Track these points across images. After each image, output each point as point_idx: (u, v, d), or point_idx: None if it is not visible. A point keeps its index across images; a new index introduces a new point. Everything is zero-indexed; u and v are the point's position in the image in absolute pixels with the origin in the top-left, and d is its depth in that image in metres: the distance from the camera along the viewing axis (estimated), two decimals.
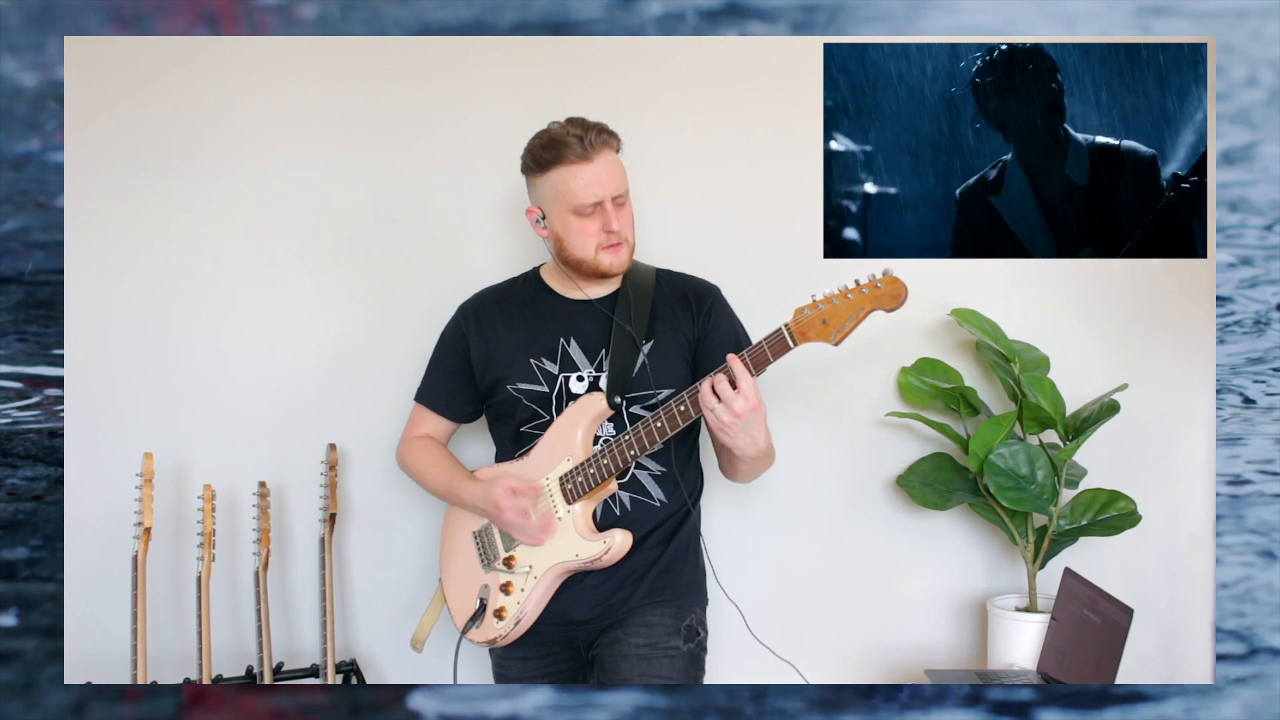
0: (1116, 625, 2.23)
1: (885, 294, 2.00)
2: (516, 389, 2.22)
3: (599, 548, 2.13)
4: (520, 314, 2.27)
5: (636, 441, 2.10)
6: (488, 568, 2.24)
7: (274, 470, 2.59)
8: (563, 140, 2.12)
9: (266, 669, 2.44)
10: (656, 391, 2.19)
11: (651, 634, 2.18)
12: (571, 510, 2.16)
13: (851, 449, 2.65)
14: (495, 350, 2.25)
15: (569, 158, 2.12)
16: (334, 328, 2.64)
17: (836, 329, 2.01)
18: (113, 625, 2.47)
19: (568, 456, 2.17)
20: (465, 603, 2.26)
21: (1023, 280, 2.64)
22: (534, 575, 2.17)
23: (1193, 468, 2.64)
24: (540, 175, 2.17)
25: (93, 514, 2.56)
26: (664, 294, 2.26)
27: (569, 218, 2.15)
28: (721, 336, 2.24)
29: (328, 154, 2.63)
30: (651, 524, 2.20)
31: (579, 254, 2.17)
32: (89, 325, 2.59)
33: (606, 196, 2.14)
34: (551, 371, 2.21)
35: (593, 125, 2.14)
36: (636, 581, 2.19)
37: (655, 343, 2.21)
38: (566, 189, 2.13)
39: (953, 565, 2.66)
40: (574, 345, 2.22)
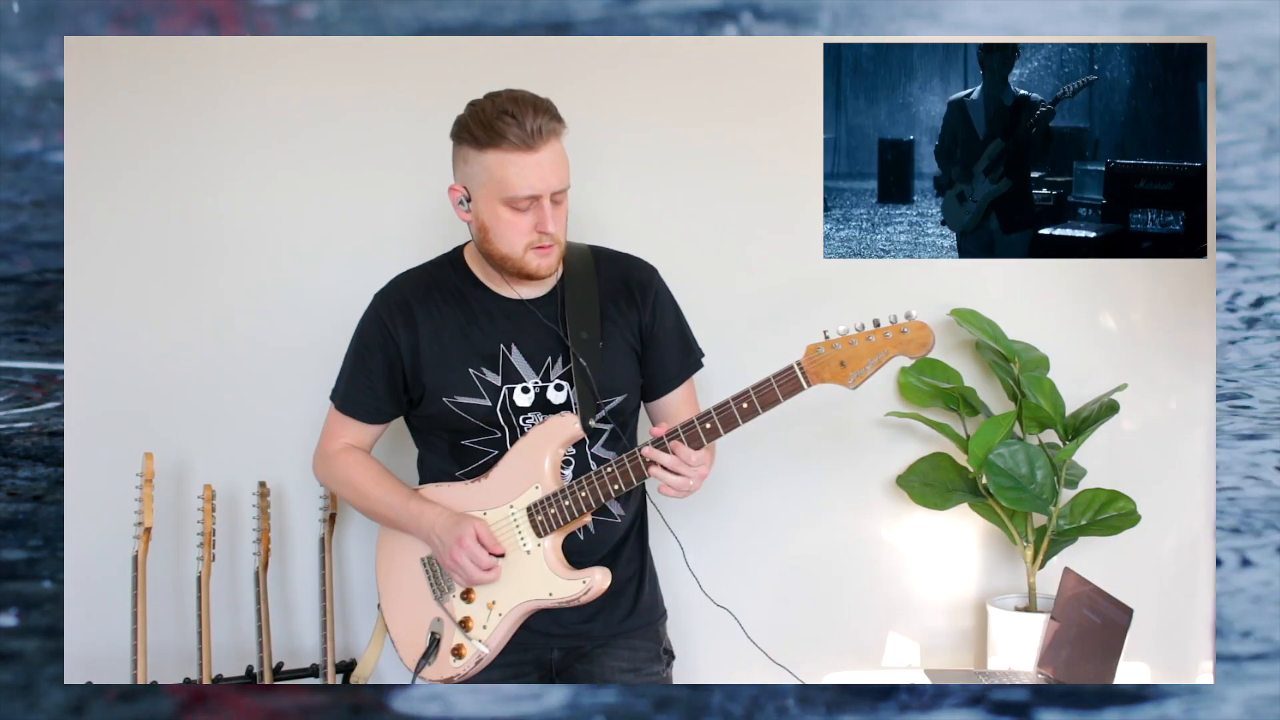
0: (1116, 625, 2.23)
1: (912, 340, 1.85)
2: (455, 403, 2.02)
3: (577, 588, 1.97)
4: (451, 312, 2.04)
5: (622, 475, 1.95)
6: (440, 599, 2.05)
7: (274, 470, 2.59)
8: (505, 122, 1.88)
9: (266, 669, 2.44)
10: (609, 400, 2.06)
11: (635, 659, 2.10)
12: (542, 544, 1.99)
13: (851, 449, 2.65)
14: (427, 355, 2.03)
15: (508, 143, 1.88)
16: (334, 326, 2.63)
17: (855, 373, 1.87)
18: (113, 625, 2.47)
19: (535, 484, 1.99)
20: (413, 636, 2.06)
21: (1023, 280, 2.64)
22: (498, 612, 2.00)
23: (1193, 468, 2.64)
24: (472, 150, 1.92)
25: (93, 514, 2.56)
26: (605, 286, 2.06)
27: (499, 208, 1.92)
28: (667, 335, 2.10)
29: (328, 154, 2.62)
30: (615, 541, 2.09)
31: (504, 249, 1.95)
32: (89, 325, 2.59)
33: (546, 192, 1.91)
34: (494, 383, 2.02)
35: (542, 109, 1.90)
36: (614, 606, 2.08)
37: (605, 345, 2.04)
38: (503, 177, 1.89)
39: (953, 565, 2.66)
40: (515, 353, 2.03)
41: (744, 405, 1.92)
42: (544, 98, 1.96)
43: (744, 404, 1.92)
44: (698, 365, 2.20)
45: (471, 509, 2.05)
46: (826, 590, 2.66)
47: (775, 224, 2.64)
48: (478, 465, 2.07)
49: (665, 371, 2.15)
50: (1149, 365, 2.63)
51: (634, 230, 2.60)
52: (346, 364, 2.13)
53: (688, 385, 2.19)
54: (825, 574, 2.66)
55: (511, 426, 2.05)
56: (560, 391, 2.04)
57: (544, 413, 2.04)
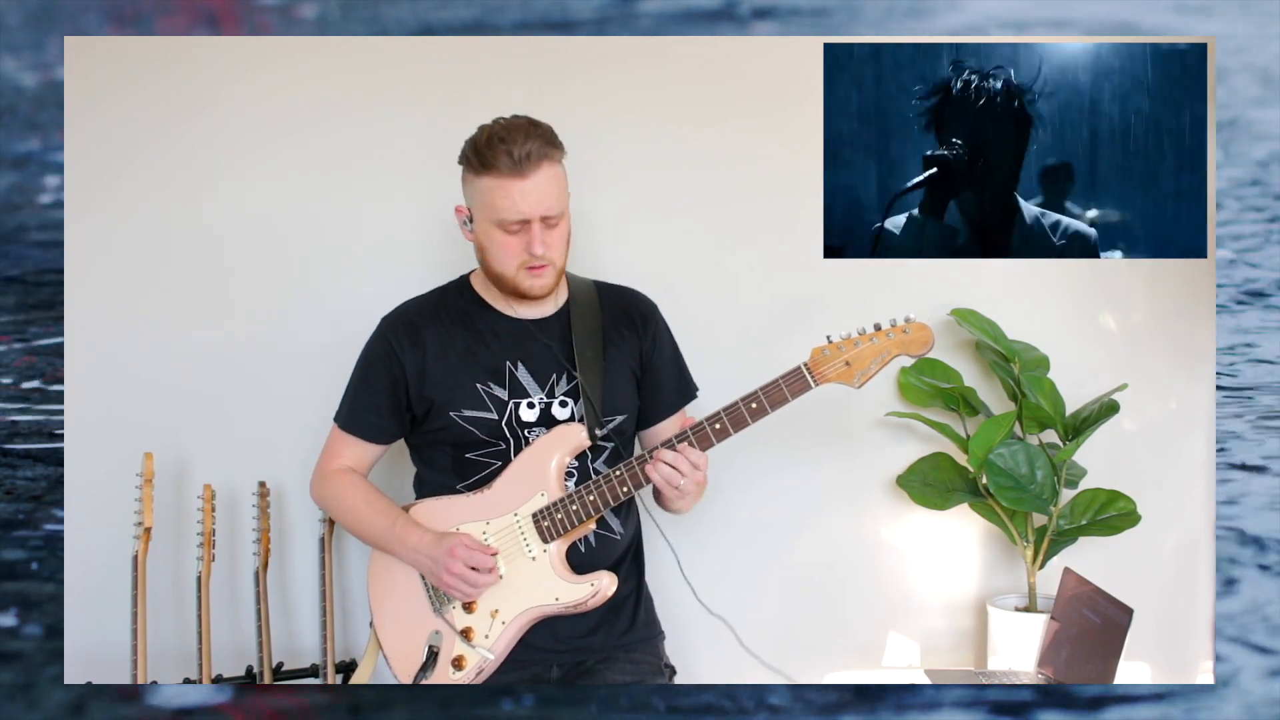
0: (1116, 625, 2.23)
1: (914, 340, 1.98)
2: (462, 416, 2.07)
3: (584, 591, 2.00)
4: (458, 332, 2.11)
5: (631, 478, 2.00)
6: (439, 611, 2.06)
7: (274, 470, 2.59)
8: (495, 149, 1.96)
9: (266, 669, 2.44)
10: (611, 419, 2.11)
11: (638, 671, 2.12)
12: (547, 550, 2.02)
13: (851, 449, 2.65)
14: (434, 373, 2.08)
15: (499, 170, 1.97)
16: (334, 326, 2.63)
17: (860, 372, 1.98)
18: (113, 625, 2.47)
19: (541, 491, 2.03)
20: (408, 650, 2.07)
21: (1023, 280, 2.64)
22: (501, 620, 2.02)
23: (1193, 468, 2.64)
24: (471, 175, 2.02)
25: (93, 514, 2.55)
26: (609, 313, 2.15)
27: (492, 230, 2.01)
28: (665, 365, 2.19)
29: (327, 154, 2.62)
30: (615, 557, 2.12)
31: (499, 269, 2.04)
32: (89, 325, 2.59)
33: (534, 216, 1.98)
34: (500, 397, 2.07)
35: (533, 134, 1.97)
36: (614, 620, 2.11)
37: (606, 365, 2.11)
38: (494, 201, 1.98)
39: (953, 565, 2.66)
40: (522, 369, 2.09)
41: (753, 405, 2.00)
42: (542, 124, 2.02)
43: (753, 404, 2.00)
44: (692, 397, 2.27)
45: (473, 519, 2.08)
46: (826, 590, 2.66)
47: (775, 224, 2.64)
48: (480, 477, 2.10)
49: (662, 400, 2.22)
50: (1149, 365, 2.63)
51: (632, 230, 2.61)
52: (350, 385, 2.17)
53: (679, 415, 2.24)
54: (825, 574, 2.66)
55: (517, 439, 2.09)
56: (565, 408, 2.09)
57: (548, 428, 2.09)
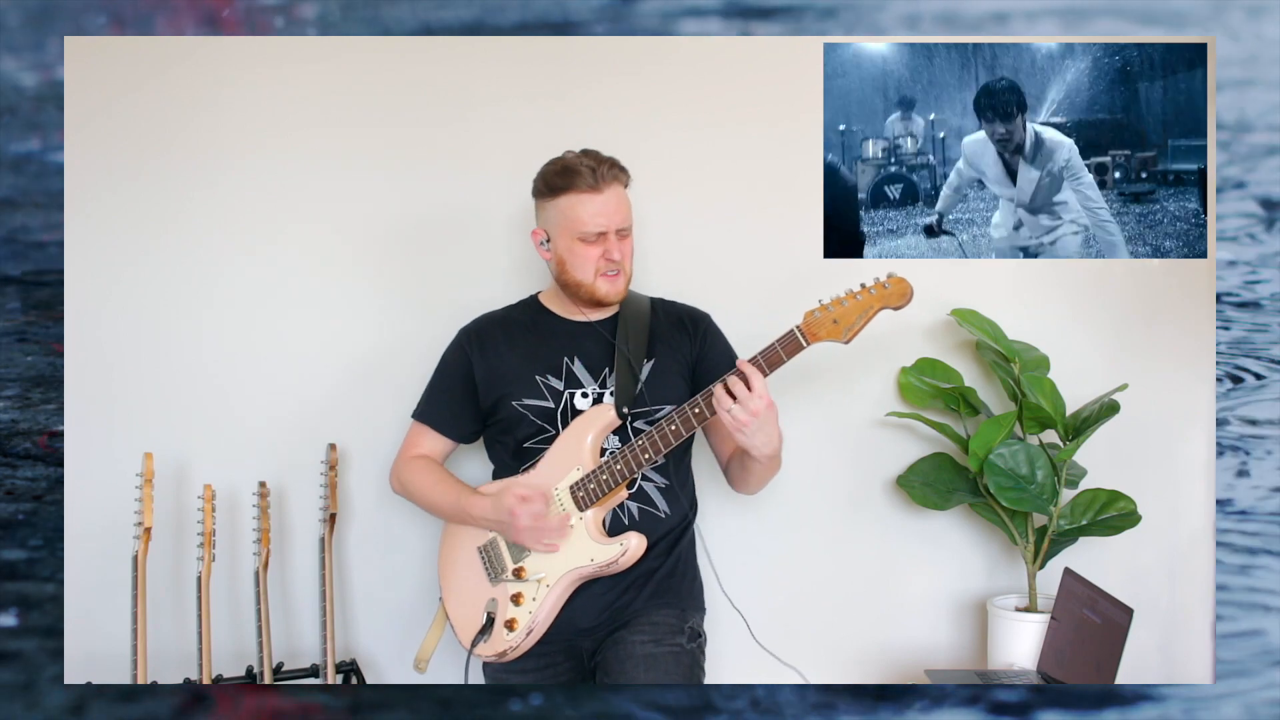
0: (1116, 625, 2.23)
1: (893, 293, 2.12)
2: (522, 405, 2.26)
3: (615, 550, 2.17)
4: (522, 335, 2.32)
5: (650, 445, 2.15)
6: (495, 581, 2.24)
7: (274, 470, 2.59)
8: (576, 169, 2.19)
9: (266, 669, 2.44)
10: (659, 408, 2.24)
11: (656, 631, 2.21)
12: (584, 517, 2.19)
13: (851, 449, 2.65)
14: (499, 369, 2.29)
15: (580, 186, 2.19)
16: (333, 327, 2.64)
17: (847, 328, 2.12)
18: (113, 625, 2.47)
19: (577, 466, 2.20)
20: (471, 618, 2.26)
21: (1023, 280, 2.64)
22: (546, 584, 2.20)
23: (1193, 468, 2.64)
24: (550, 200, 2.23)
25: (93, 514, 2.56)
26: (660, 319, 2.33)
27: (573, 243, 2.21)
28: (718, 357, 2.32)
29: (327, 154, 2.62)
30: (657, 534, 2.24)
31: (579, 276, 2.23)
32: (89, 325, 2.59)
33: (611, 228, 2.20)
34: (557, 388, 2.26)
35: (606, 159, 2.21)
36: (641, 587, 2.23)
37: (655, 362, 2.28)
38: (575, 215, 2.20)
39: (953, 565, 2.66)
40: (578, 364, 2.27)
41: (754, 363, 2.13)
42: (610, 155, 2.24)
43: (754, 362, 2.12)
44: None
45: None
46: (827, 590, 2.66)
47: (775, 223, 2.64)
48: (535, 461, 2.28)
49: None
50: (1149, 365, 2.63)
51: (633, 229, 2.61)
52: (429, 384, 2.38)
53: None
54: (826, 574, 2.66)
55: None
56: (614, 397, 2.25)
57: None
